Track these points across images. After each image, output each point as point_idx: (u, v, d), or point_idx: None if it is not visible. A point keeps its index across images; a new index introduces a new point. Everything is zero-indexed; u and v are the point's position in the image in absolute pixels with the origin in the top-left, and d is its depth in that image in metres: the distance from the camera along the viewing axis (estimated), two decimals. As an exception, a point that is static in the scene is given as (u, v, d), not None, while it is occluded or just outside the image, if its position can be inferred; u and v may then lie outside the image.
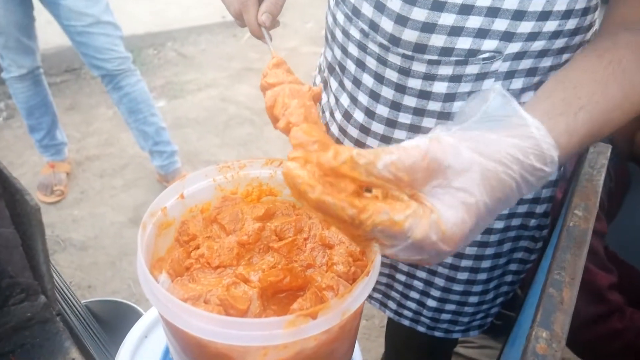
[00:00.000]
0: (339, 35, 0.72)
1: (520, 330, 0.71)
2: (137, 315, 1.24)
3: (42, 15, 2.10)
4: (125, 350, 0.70)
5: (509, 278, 0.89)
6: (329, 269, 0.54)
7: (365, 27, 0.66)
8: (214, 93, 3.25)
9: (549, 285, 0.56)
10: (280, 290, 0.52)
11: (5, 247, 0.43)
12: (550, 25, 0.59)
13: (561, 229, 0.63)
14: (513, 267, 0.88)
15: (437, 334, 0.94)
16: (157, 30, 3.80)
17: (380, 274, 0.93)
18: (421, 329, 0.94)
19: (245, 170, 0.61)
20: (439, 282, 0.86)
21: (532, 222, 0.81)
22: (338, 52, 0.74)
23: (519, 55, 0.62)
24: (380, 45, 0.65)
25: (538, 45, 0.60)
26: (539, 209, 0.80)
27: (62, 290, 1.06)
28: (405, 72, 0.65)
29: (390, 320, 1.18)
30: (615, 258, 1.12)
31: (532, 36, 0.59)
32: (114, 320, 1.29)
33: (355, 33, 0.68)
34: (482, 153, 0.43)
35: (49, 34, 2.74)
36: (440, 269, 0.85)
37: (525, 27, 0.58)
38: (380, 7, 0.63)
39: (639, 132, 1.10)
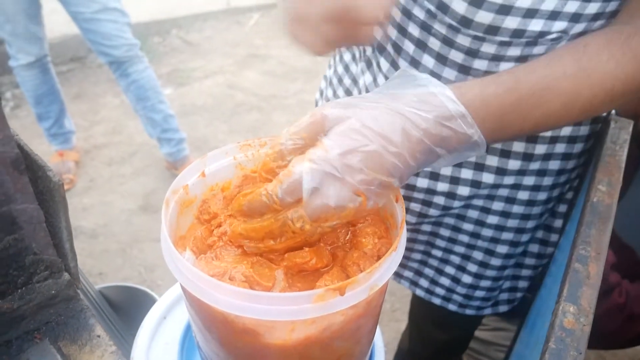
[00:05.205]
0: (396, 14, 0.70)
1: (542, 308, 0.71)
2: (150, 300, 1.24)
3: (47, 4, 2.09)
4: (145, 330, 0.70)
5: (535, 248, 0.89)
6: (353, 247, 0.53)
7: (432, 8, 0.65)
8: (221, 80, 3.24)
9: (575, 260, 0.55)
10: (305, 270, 0.52)
11: (29, 223, 0.43)
12: (613, 5, 0.59)
13: (584, 204, 0.63)
14: (539, 234, 0.88)
15: (468, 312, 0.93)
16: (162, 17, 3.78)
17: (414, 250, 0.92)
18: (452, 307, 0.94)
19: (265, 148, 0.60)
20: (477, 255, 0.86)
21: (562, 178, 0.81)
22: (393, 32, 0.72)
23: (580, 34, 0.62)
24: (449, 26, 0.64)
25: (599, 24, 0.61)
26: (570, 164, 0.78)
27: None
28: (473, 53, 0.65)
29: (414, 299, 1.18)
30: (618, 242, 1.11)
31: (596, 16, 0.60)
32: (127, 305, 1.29)
33: (419, 13, 0.67)
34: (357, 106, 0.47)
35: (54, 22, 2.74)
36: (479, 243, 0.84)
37: (593, 7, 0.59)
38: None
39: None
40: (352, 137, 0.44)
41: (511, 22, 0.60)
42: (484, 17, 0.61)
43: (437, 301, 0.95)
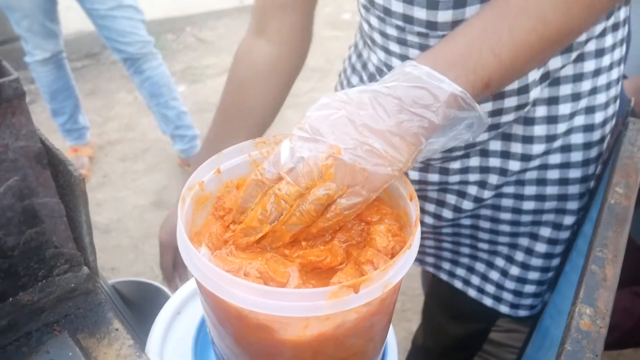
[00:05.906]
0: (377, 38, 0.74)
1: (560, 305, 0.70)
2: (162, 296, 1.25)
3: (63, 1, 2.12)
4: (159, 325, 0.71)
5: (546, 232, 0.88)
6: (367, 244, 0.53)
7: (400, 23, 0.67)
8: (234, 78, 3.25)
9: (591, 262, 0.55)
10: (320, 267, 0.52)
11: (50, 217, 0.44)
12: None
13: (601, 206, 0.62)
14: (552, 217, 0.87)
15: (521, 312, 0.92)
16: (176, 15, 3.80)
17: (462, 244, 0.92)
18: (504, 309, 0.93)
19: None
20: (523, 241, 0.86)
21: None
22: (382, 54, 0.75)
23: None
24: (419, 34, 0.67)
25: None
26: (595, 135, 0.77)
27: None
28: None
29: (430, 292, 1.17)
30: (634, 245, 1.10)
31: None
32: (139, 300, 1.30)
33: (392, 31, 0.70)
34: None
35: (69, 19, 2.76)
36: (522, 229, 0.85)
37: None
38: (409, 0, 0.64)
39: None
40: (324, 110, 0.49)
41: (472, 12, 0.61)
42: (444, 16, 0.63)
43: (488, 302, 0.93)
